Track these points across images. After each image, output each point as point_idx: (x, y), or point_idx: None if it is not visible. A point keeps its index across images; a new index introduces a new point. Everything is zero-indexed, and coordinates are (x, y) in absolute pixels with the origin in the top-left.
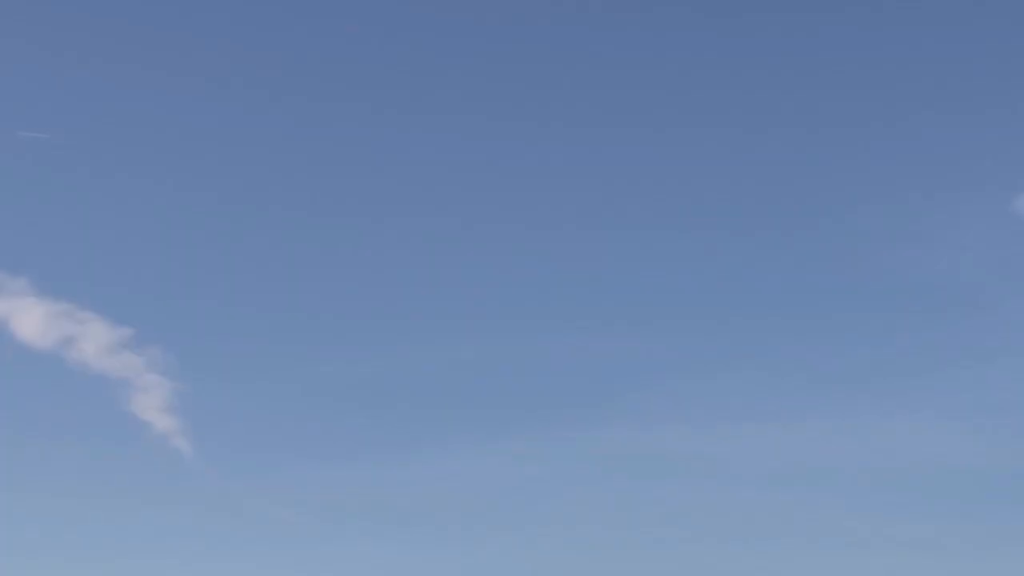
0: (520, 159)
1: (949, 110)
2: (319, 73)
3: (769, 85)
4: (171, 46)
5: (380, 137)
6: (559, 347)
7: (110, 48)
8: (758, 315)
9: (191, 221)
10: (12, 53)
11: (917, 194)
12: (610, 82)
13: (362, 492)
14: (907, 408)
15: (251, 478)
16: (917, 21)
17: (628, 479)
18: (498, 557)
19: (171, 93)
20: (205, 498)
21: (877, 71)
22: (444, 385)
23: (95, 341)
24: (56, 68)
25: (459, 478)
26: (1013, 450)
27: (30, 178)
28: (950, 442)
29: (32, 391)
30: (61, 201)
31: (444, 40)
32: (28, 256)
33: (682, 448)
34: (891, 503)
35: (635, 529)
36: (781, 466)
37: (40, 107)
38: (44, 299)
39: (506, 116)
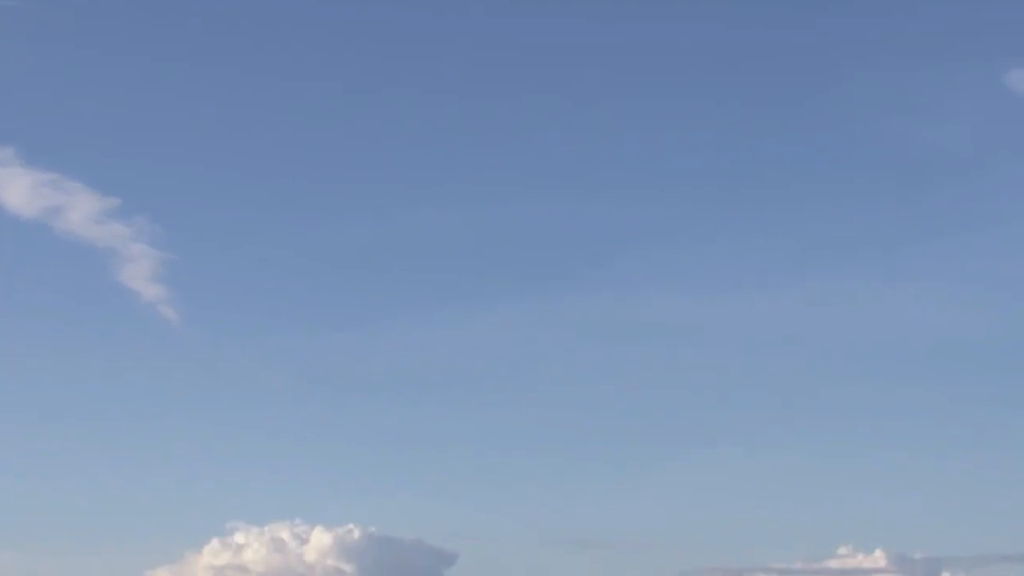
0: (512, 29)
1: None
2: None
3: None
4: None
5: (375, 9)
6: (545, 214)
7: None
8: (747, 183)
9: (177, 90)
10: None
11: (910, 66)
12: None
13: (348, 358)
14: (896, 276)
15: (238, 344)
16: None
17: (612, 345)
18: (483, 421)
19: None
20: (193, 364)
21: None
22: (430, 252)
23: (82, 211)
24: None
25: (444, 344)
26: (1002, 317)
27: (14, 47)
28: (939, 310)
29: (20, 260)
30: (46, 71)
31: None
32: (14, 126)
33: (667, 314)
34: (877, 369)
35: (618, 393)
36: (766, 333)
37: None
38: (30, 169)
39: None
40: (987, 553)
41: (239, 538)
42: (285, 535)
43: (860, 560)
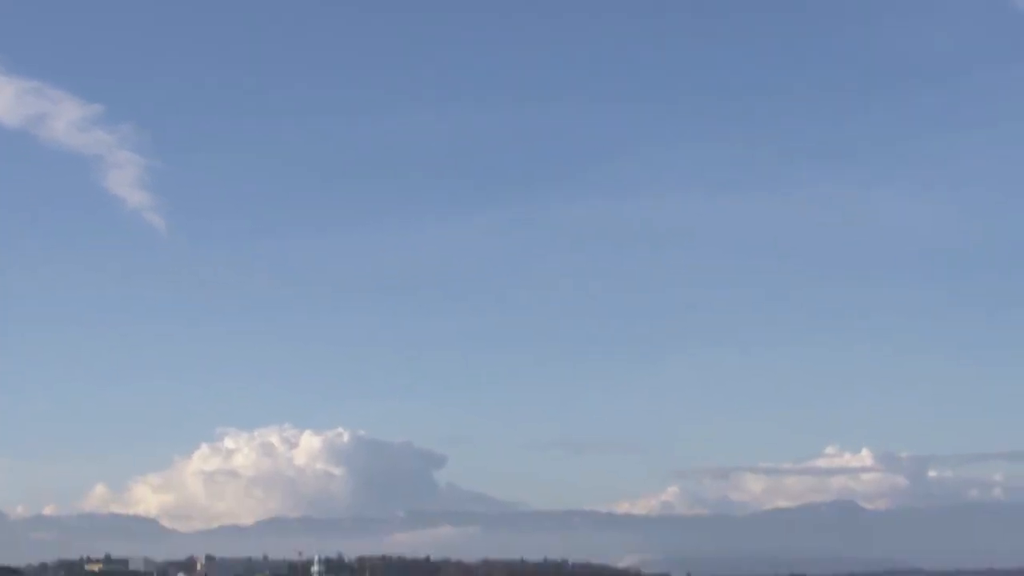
0: None
1: None
2: None
3: None
4: None
5: None
6: (533, 120)
7: None
8: (733, 86)
9: None
10: None
11: None
12: None
13: (337, 263)
14: (887, 179)
15: (224, 250)
16: None
17: (600, 249)
18: (473, 325)
19: None
20: (179, 270)
21: None
22: (416, 157)
23: (66, 118)
24: None
25: (434, 248)
26: (993, 219)
27: None
28: (930, 211)
29: (4, 168)
30: None
31: None
32: None
33: (656, 218)
34: (867, 271)
35: (607, 297)
36: (756, 236)
37: None
38: (13, 77)
39: None
40: (972, 452)
41: (229, 443)
42: (274, 440)
43: (847, 459)
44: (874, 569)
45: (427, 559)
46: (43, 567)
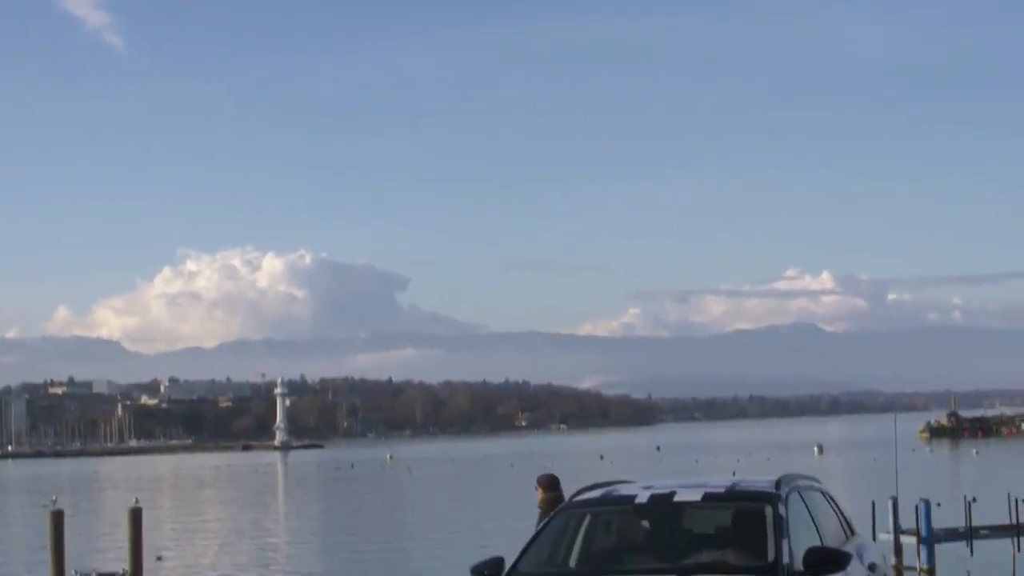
0: None
1: None
2: None
3: None
4: None
5: None
6: None
7: None
8: None
9: None
10: None
11: None
12: None
13: (299, 83)
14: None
15: (186, 70)
16: None
17: (564, 69)
18: (435, 146)
19: None
20: (140, 91)
21: None
22: None
23: None
24: None
25: (396, 69)
26: (949, 39)
27: None
28: (895, 32)
29: None
30: None
31: None
32: None
33: (620, 37)
34: (829, 92)
35: (569, 119)
36: (719, 55)
37: None
38: None
39: None
40: (931, 275)
41: (191, 266)
42: (236, 262)
43: (807, 282)
44: (833, 391)
45: (389, 381)
46: (6, 390)
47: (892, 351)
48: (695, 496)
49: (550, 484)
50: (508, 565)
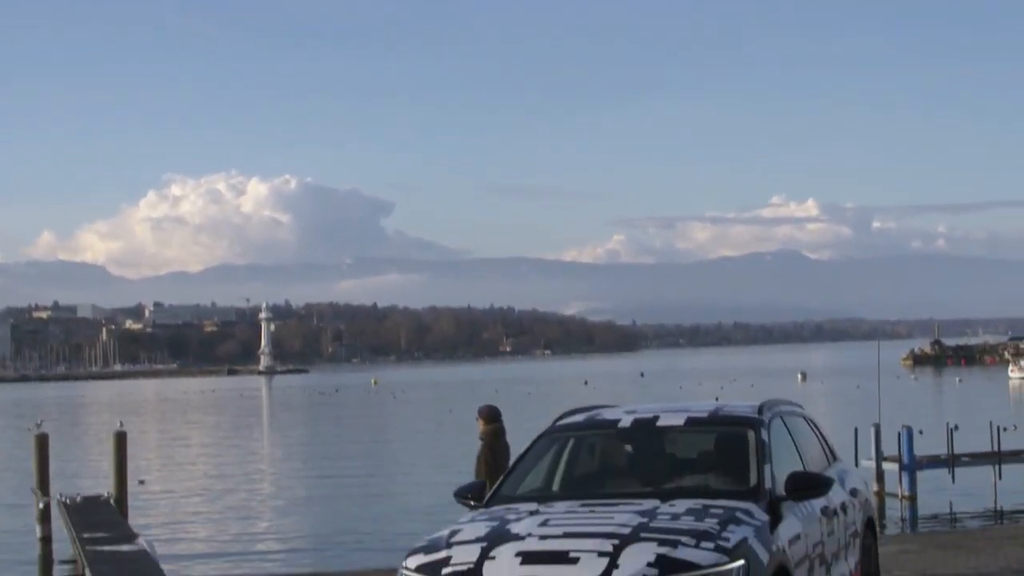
0: None
1: None
2: None
3: None
4: None
5: None
6: None
7: None
8: None
9: None
10: None
11: None
12: None
13: (287, 6)
14: None
15: None
16: None
17: None
18: (420, 71)
19: None
20: (124, 16)
21: None
22: None
23: None
24: None
25: None
26: None
27: None
28: None
29: None
30: None
31: None
32: None
33: None
34: (814, 18)
35: (554, 44)
36: None
37: None
38: None
39: None
40: (916, 203)
41: (175, 190)
42: (221, 187)
43: (792, 209)
44: (817, 318)
45: (374, 306)
46: None
47: (876, 279)
48: (678, 421)
49: (490, 415)
50: (491, 488)
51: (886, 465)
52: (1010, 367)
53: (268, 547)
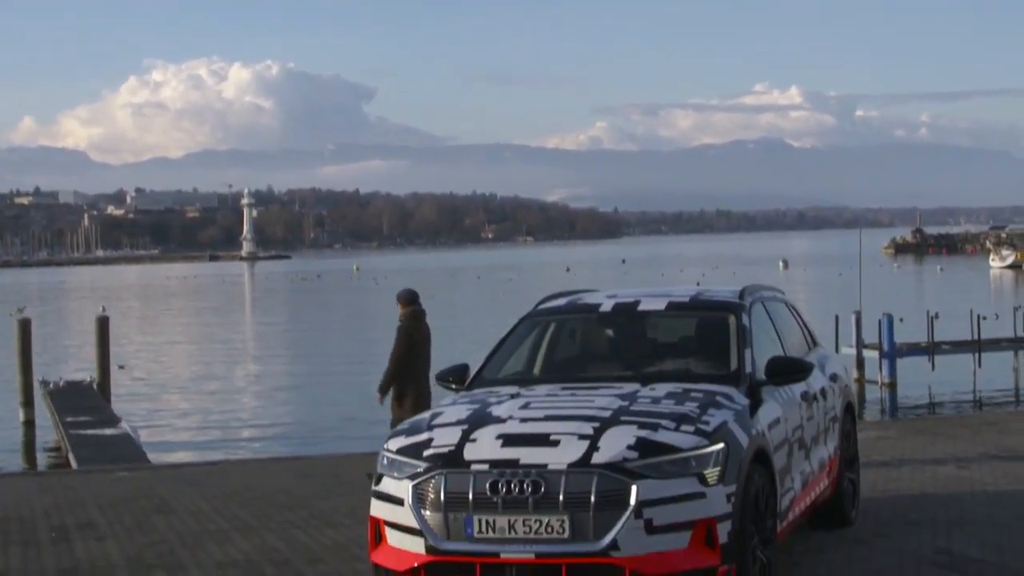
0: None
1: None
2: None
3: None
4: None
5: None
6: None
7: None
8: None
9: None
10: None
11: None
12: None
13: None
14: None
15: None
16: None
17: None
18: None
19: None
20: None
21: None
22: None
23: None
24: None
25: None
26: None
27: None
28: None
29: None
30: None
31: None
32: None
33: None
34: None
35: None
36: None
37: None
38: None
39: None
40: (899, 92)
41: (156, 76)
42: (203, 72)
43: (776, 97)
44: (799, 206)
45: (356, 192)
46: None
47: (859, 167)
48: (659, 305)
49: (408, 298)
50: (473, 372)
51: (866, 352)
52: (991, 256)
53: (250, 432)
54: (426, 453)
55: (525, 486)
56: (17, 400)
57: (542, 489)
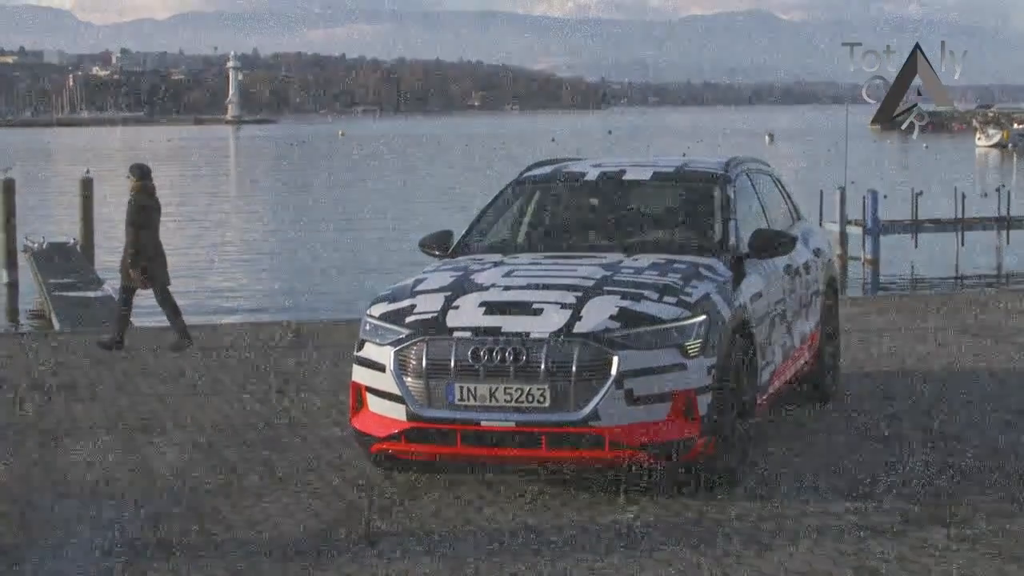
0: None
1: None
2: None
3: None
4: None
5: None
6: None
7: None
8: None
9: None
10: None
11: None
12: None
13: None
14: None
15: None
16: None
17: None
18: None
19: None
20: None
21: None
22: None
23: None
24: None
25: None
26: None
27: None
28: None
29: None
30: None
31: None
32: None
33: None
34: None
35: None
36: None
37: None
38: None
39: None
40: None
41: None
42: None
43: None
44: (787, 80)
45: (342, 57)
46: None
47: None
48: (644, 175)
49: (141, 173)
50: (456, 239)
51: (850, 229)
52: (977, 135)
53: (233, 297)
54: (408, 320)
55: (507, 354)
56: None
57: (524, 357)
